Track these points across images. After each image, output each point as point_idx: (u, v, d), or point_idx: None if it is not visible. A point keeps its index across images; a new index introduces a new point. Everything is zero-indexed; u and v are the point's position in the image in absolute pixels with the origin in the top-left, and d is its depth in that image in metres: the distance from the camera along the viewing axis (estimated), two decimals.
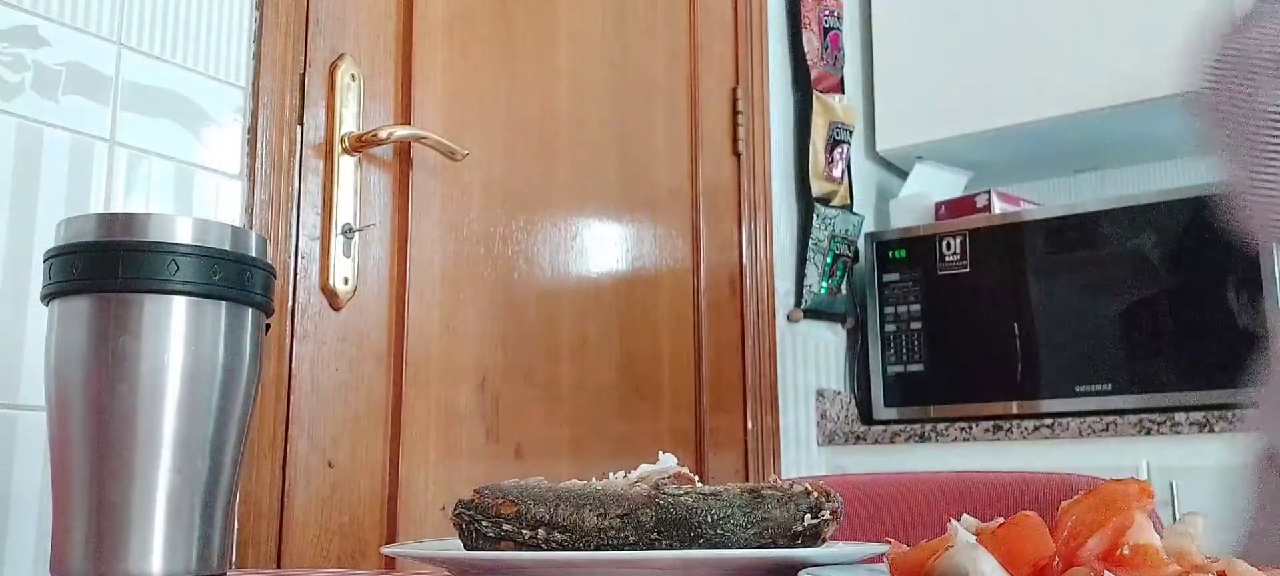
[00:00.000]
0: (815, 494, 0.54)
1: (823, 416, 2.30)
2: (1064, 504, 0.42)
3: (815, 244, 2.30)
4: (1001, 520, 0.43)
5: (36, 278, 1.06)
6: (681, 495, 0.53)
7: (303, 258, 1.33)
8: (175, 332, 0.51)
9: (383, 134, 1.40)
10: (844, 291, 2.39)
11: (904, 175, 2.66)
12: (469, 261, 1.54)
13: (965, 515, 0.52)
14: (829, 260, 2.33)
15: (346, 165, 1.40)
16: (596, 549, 0.53)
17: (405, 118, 1.48)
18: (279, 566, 1.25)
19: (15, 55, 1.05)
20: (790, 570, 0.51)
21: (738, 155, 2.15)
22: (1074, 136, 2.48)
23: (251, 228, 1.27)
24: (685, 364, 1.94)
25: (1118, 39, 2.31)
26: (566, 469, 1.65)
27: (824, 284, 2.32)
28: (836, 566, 0.51)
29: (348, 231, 1.38)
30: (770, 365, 2.13)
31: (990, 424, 2.11)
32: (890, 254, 2.38)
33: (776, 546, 0.53)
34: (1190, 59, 0.93)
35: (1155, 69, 2.26)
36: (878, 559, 0.55)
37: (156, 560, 0.51)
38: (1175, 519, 0.97)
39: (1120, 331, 2.12)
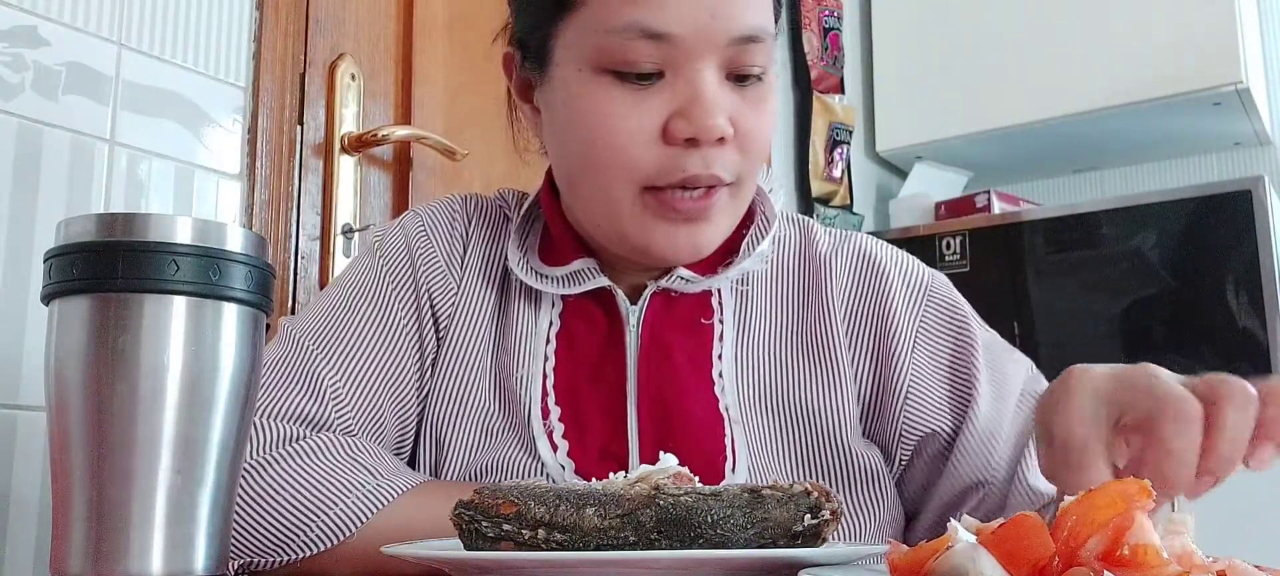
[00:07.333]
0: (815, 494, 0.54)
1: None
2: (1064, 504, 0.42)
3: None
4: (1001, 520, 0.43)
5: (36, 278, 1.06)
6: (681, 495, 0.53)
7: (303, 258, 1.33)
8: (175, 332, 0.51)
9: (382, 134, 1.40)
10: None
11: (904, 175, 2.66)
12: None
13: (965, 515, 0.52)
14: None
15: (346, 165, 1.39)
16: (596, 549, 0.53)
17: (405, 118, 1.48)
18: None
19: (15, 55, 1.05)
20: (790, 570, 0.51)
21: None
22: (1074, 136, 2.47)
23: (251, 228, 1.27)
24: None
25: (1117, 39, 2.31)
26: None
27: None
28: (836, 566, 0.51)
29: (348, 231, 1.38)
30: None
31: None
32: None
33: (776, 546, 0.53)
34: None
35: (1155, 69, 2.26)
36: (878, 559, 0.55)
37: (156, 560, 0.51)
38: None
39: (1120, 331, 2.12)
